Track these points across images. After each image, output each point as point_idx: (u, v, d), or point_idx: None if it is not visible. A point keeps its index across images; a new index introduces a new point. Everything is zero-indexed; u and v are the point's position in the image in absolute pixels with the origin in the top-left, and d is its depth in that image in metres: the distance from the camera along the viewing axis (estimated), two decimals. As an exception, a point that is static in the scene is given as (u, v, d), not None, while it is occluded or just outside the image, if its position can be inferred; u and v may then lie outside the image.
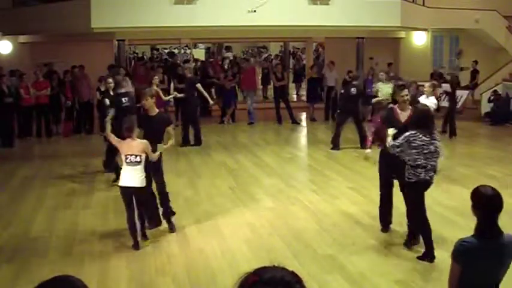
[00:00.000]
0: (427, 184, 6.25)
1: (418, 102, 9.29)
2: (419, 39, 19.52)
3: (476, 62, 18.41)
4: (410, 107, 7.00)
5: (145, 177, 6.75)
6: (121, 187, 6.75)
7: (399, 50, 19.83)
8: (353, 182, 9.59)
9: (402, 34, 19.39)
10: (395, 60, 19.66)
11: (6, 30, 15.81)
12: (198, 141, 12.98)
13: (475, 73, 18.50)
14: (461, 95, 16.65)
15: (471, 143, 13.62)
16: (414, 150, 6.05)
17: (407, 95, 7.02)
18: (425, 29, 18.47)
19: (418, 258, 6.30)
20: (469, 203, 3.49)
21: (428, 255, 6.24)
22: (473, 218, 3.50)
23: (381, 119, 7.21)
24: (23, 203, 8.74)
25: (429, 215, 7.76)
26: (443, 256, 6.23)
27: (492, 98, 16.13)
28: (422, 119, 6.16)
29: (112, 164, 9.53)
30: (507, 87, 16.20)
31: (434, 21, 17.90)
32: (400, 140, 6.13)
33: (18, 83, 13.91)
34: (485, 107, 16.27)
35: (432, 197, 8.62)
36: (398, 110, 6.96)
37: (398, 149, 6.15)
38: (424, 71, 18.35)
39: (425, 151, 6.05)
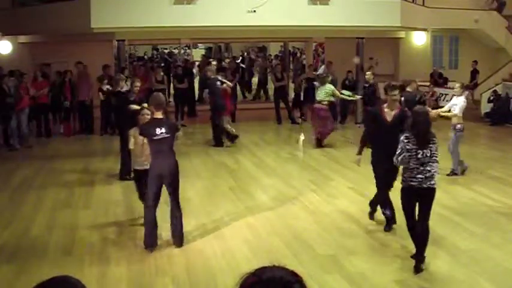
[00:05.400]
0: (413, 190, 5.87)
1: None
2: (419, 39, 19.52)
3: (476, 62, 18.43)
4: (399, 106, 7.11)
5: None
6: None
7: (399, 50, 19.83)
8: (353, 182, 9.59)
9: (402, 34, 19.39)
10: (395, 60, 19.67)
11: (6, 30, 15.80)
12: (218, 142, 12.89)
13: (475, 73, 18.51)
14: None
15: (471, 143, 13.58)
16: (407, 153, 5.84)
17: (396, 95, 7.06)
18: (425, 29, 18.48)
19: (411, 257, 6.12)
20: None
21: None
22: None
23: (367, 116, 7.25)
24: (23, 203, 8.74)
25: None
26: (444, 256, 6.25)
27: (492, 98, 16.13)
28: (416, 120, 5.87)
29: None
30: (507, 87, 16.20)
31: (434, 21, 17.92)
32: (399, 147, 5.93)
33: (17, 83, 13.88)
34: (485, 107, 16.27)
35: (432, 197, 8.67)
36: (385, 109, 7.06)
37: (400, 158, 5.92)
38: (423, 71, 18.38)
39: (419, 155, 5.80)
